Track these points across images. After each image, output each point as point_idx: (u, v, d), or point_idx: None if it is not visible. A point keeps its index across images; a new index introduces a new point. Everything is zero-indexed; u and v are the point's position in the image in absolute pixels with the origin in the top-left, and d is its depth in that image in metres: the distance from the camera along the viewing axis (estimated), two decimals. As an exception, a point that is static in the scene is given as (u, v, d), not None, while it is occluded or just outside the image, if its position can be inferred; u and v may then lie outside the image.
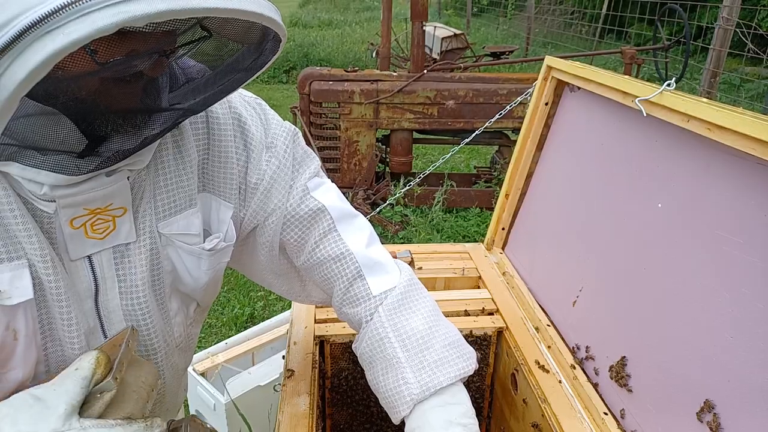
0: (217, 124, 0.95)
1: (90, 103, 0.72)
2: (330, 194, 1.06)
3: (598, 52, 6.40)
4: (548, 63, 1.59)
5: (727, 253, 0.96)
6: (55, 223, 0.80)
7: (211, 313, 3.45)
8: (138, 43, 0.68)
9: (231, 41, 0.81)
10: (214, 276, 1.00)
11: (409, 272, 1.08)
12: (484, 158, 6.12)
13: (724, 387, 0.94)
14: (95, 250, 0.84)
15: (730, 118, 0.91)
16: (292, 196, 1.02)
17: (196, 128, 0.94)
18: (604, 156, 1.36)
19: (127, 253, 0.87)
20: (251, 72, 0.84)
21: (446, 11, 15.79)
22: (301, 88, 4.30)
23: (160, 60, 0.73)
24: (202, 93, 0.84)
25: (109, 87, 0.72)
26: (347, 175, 4.47)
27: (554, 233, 1.56)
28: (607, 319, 1.27)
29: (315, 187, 1.04)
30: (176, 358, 1.05)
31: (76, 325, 0.84)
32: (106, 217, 0.83)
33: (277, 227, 1.02)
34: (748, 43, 5.67)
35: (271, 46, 0.81)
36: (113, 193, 0.82)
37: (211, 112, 0.95)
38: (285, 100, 8.48)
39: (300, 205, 1.02)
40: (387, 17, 4.44)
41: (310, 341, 1.36)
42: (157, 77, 0.77)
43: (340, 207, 1.06)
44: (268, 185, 1.00)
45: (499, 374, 1.50)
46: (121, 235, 0.86)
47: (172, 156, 0.90)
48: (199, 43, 0.78)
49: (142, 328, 0.92)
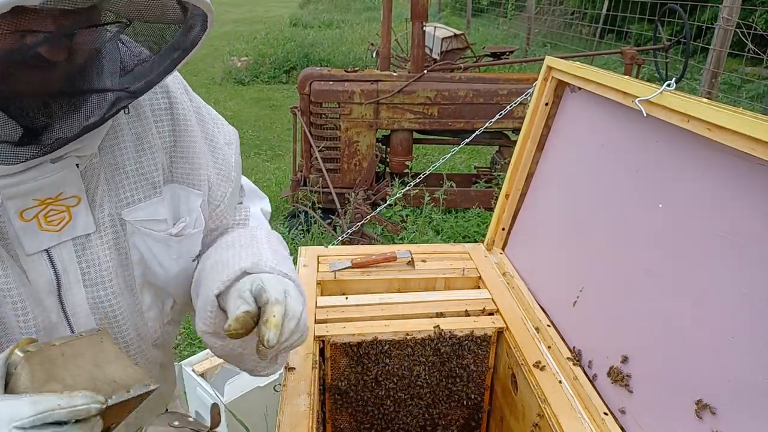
0: (182, 116, 0.97)
1: (5, 90, 0.71)
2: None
3: (599, 53, 6.40)
4: (548, 63, 1.59)
5: (727, 253, 0.96)
6: (3, 216, 0.78)
7: (211, 313, 3.44)
8: (35, 22, 0.67)
9: (150, 22, 0.81)
10: (185, 267, 1.00)
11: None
12: (484, 158, 6.12)
13: (724, 387, 0.93)
14: (53, 243, 0.83)
15: (730, 118, 0.91)
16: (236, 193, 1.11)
17: (159, 118, 0.94)
18: (605, 156, 1.36)
19: (88, 244, 0.86)
20: (185, 52, 0.83)
21: (446, 11, 15.80)
22: (301, 88, 4.29)
23: (65, 41, 0.71)
24: (140, 76, 0.83)
25: (19, 71, 0.70)
26: (347, 175, 4.47)
27: (554, 233, 1.56)
28: (607, 319, 1.27)
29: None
30: (152, 353, 1.04)
31: (33, 321, 0.82)
32: (60, 208, 0.81)
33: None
34: (748, 43, 5.66)
35: (200, 23, 0.80)
36: (61, 181, 0.80)
37: (175, 103, 0.96)
38: (285, 100, 8.49)
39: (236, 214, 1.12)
40: (387, 17, 4.44)
41: (310, 341, 1.36)
42: (79, 61, 0.75)
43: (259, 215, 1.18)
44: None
45: (499, 374, 1.50)
46: (79, 227, 0.84)
47: (131, 144, 0.90)
48: (118, 25, 0.77)
49: (111, 321, 0.91)
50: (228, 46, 11.67)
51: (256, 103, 8.40)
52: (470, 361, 1.48)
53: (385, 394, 1.49)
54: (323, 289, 1.63)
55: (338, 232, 3.88)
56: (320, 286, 1.62)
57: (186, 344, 3.17)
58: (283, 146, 6.61)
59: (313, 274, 1.65)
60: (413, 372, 1.48)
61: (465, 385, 1.51)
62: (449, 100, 4.29)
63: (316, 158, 4.29)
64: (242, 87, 9.54)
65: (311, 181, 4.42)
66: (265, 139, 6.86)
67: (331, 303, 1.52)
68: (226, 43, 12.19)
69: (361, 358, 1.43)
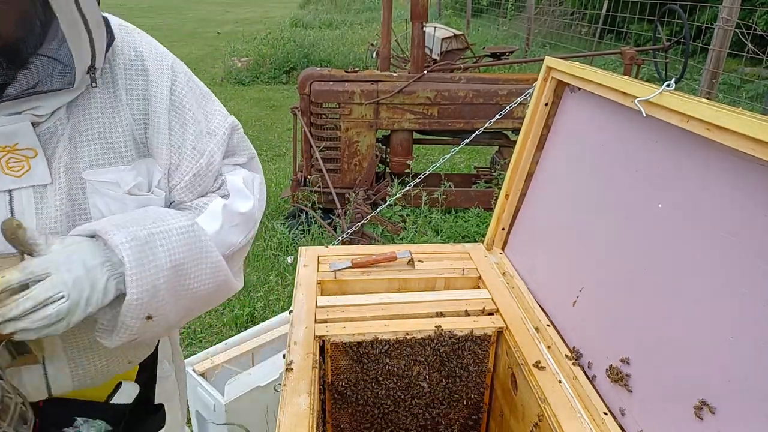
0: (155, 100, 1.06)
1: None
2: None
3: (598, 53, 6.40)
4: (548, 63, 1.59)
5: (727, 253, 0.96)
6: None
7: (212, 313, 3.45)
8: None
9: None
10: None
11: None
12: (484, 158, 6.12)
13: (724, 387, 0.94)
14: (14, 187, 0.95)
15: (730, 118, 0.91)
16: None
17: (134, 98, 1.05)
18: (604, 156, 1.36)
19: (44, 193, 0.97)
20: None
21: (446, 12, 15.80)
22: (301, 88, 4.30)
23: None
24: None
25: None
26: (347, 175, 4.47)
27: (554, 233, 1.56)
28: (607, 319, 1.27)
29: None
30: None
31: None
32: (19, 157, 0.94)
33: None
34: (747, 43, 5.67)
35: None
36: (14, 133, 0.92)
37: (152, 85, 1.06)
38: (285, 100, 8.50)
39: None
40: (387, 18, 4.44)
41: (310, 341, 1.36)
42: (12, 29, 0.87)
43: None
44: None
45: (499, 374, 1.51)
46: (37, 176, 0.96)
47: (100, 115, 1.01)
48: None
49: None
50: (228, 46, 11.68)
51: (256, 104, 8.40)
52: (470, 360, 1.48)
53: (385, 393, 1.49)
54: (323, 289, 1.63)
55: (338, 232, 3.89)
56: (320, 286, 1.62)
57: (186, 344, 3.17)
58: (283, 146, 6.61)
59: (313, 274, 1.66)
60: (413, 372, 1.48)
61: (465, 384, 1.51)
62: (449, 100, 4.29)
63: (316, 158, 4.29)
64: (242, 87, 9.54)
65: (311, 181, 4.42)
66: (266, 140, 6.86)
67: (331, 303, 1.52)
68: (226, 44, 12.20)
69: (361, 357, 1.43)
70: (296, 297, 1.54)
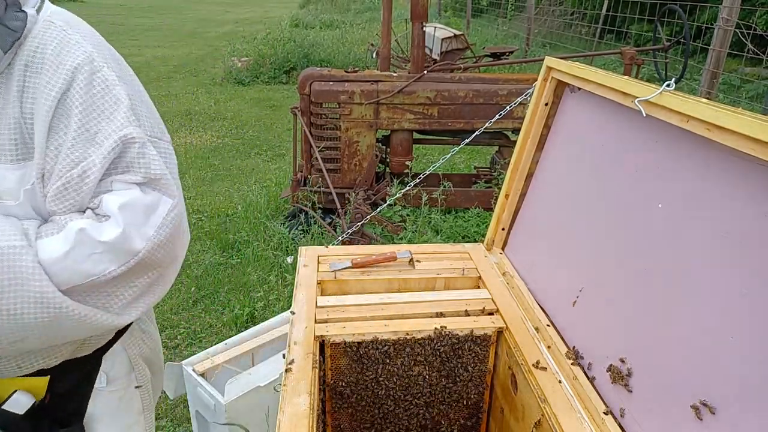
0: (44, 94, 1.05)
1: None
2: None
3: (598, 53, 6.39)
4: (548, 63, 1.59)
5: (727, 253, 0.96)
6: None
7: (212, 313, 3.45)
8: None
9: None
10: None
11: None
12: (484, 158, 6.12)
13: (723, 387, 0.94)
14: None
15: (730, 118, 0.91)
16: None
17: (29, 93, 1.04)
18: (604, 156, 1.36)
19: None
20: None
21: (446, 12, 15.80)
22: (301, 88, 4.30)
23: None
24: None
25: None
26: (347, 175, 4.48)
27: (554, 233, 1.56)
28: (606, 319, 1.27)
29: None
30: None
31: None
32: None
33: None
34: (747, 43, 5.66)
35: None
36: None
37: (41, 81, 1.04)
38: (285, 100, 8.50)
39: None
40: (387, 18, 4.44)
41: (310, 341, 1.36)
42: None
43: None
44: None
45: (499, 374, 1.51)
46: None
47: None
48: None
49: None
50: (228, 46, 11.68)
51: (256, 104, 8.41)
52: (470, 360, 1.48)
53: (385, 393, 1.49)
54: (323, 289, 1.63)
55: (338, 232, 3.89)
56: (320, 286, 1.62)
57: (186, 344, 3.17)
58: (283, 146, 6.61)
59: (313, 274, 1.66)
60: (413, 372, 1.48)
61: (465, 384, 1.51)
62: (449, 100, 4.29)
63: (316, 158, 4.29)
64: (242, 87, 9.54)
65: (311, 181, 4.42)
66: (266, 140, 6.87)
67: (331, 303, 1.52)
68: (226, 44, 12.21)
69: (361, 357, 1.43)
70: (296, 297, 1.54)
